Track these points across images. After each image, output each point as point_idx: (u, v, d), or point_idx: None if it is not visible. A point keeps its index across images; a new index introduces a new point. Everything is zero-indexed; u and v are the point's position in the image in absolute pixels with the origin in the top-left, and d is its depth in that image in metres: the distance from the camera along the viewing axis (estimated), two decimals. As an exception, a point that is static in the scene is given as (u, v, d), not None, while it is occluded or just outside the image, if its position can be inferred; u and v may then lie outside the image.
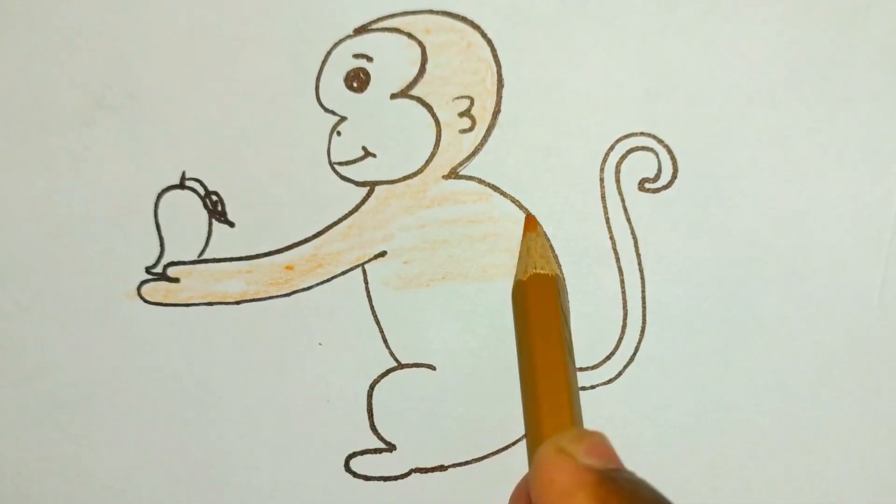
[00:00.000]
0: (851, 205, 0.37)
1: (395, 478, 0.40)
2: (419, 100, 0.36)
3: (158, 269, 0.38)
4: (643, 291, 0.38)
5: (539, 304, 0.34)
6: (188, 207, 0.37)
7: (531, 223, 0.37)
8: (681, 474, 0.40)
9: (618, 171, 0.37)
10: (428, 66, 0.36)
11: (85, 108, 0.37)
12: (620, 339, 0.38)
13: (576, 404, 0.32)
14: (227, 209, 0.37)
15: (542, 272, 0.35)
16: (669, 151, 0.37)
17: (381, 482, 0.40)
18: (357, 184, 0.37)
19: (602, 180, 0.37)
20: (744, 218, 0.37)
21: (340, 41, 0.36)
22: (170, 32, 0.36)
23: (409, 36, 0.36)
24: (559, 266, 0.37)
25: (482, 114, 0.36)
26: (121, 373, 0.39)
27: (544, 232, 0.37)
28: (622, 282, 0.38)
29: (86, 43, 0.36)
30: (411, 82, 0.36)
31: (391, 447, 0.39)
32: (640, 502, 0.26)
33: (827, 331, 0.38)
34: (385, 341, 0.38)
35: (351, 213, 0.37)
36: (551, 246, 0.37)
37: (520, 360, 0.34)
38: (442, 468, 0.39)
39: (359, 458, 0.40)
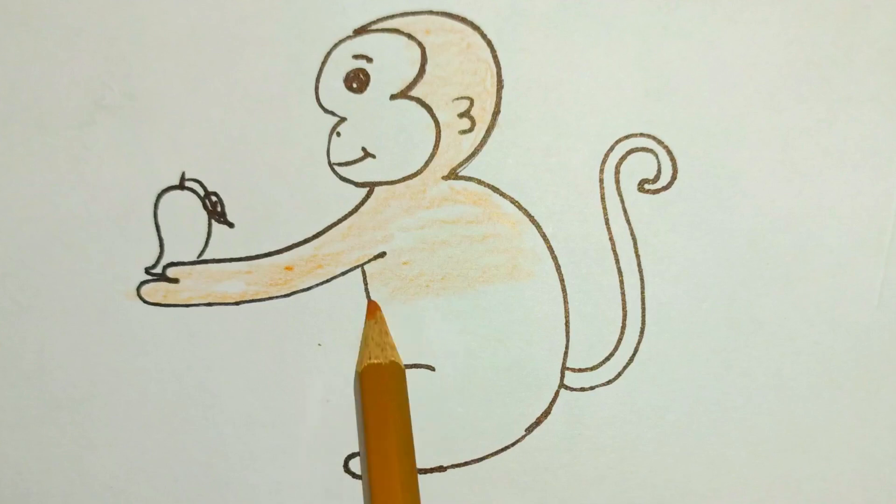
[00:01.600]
0: (851, 205, 0.37)
1: (395, 478, 0.40)
2: (419, 100, 0.36)
3: (158, 270, 0.38)
4: (643, 292, 0.38)
5: (373, 395, 0.35)
6: (188, 208, 0.37)
7: (371, 309, 0.38)
8: (681, 474, 0.40)
9: (617, 172, 0.37)
10: (428, 67, 0.36)
11: (85, 108, 0.37)
12: (620, 339, 0.38)
13: (407, 491, 0.34)
14: (227, 210, 0.37)
15: (376, 362, 0.36)
16: (669, 152, 0.37)
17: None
18: (357, 184, 0.37)
19: (602, 181, 0.37)
20: (744, 218, 0.37)
21: (340, 42, 0.36)
22: (170, 32, 0.36)
23: (409, 37, 0.36)
24: (395, 353, 0.37)
25: (482, 114, 0.36)
26: (121, 373, 0.39)
27: (383, 318, 0.38)
28: (622, 282, 0.38)
29: (86, 43, 0.36)
30: (411, 83, 0.36)
31: (391, 448, 0.39)
32: None
33: (827, 331, 0.38)
34: (385, 342, 0.38)
35: (350, 213, 0.37)
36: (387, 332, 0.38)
37: (359, 449, 0.35)
38: (442, 468, 0.39)
39: (358, 458, 0.40)
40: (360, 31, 0.36)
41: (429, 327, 0.38)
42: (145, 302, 0.38)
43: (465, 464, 0.39)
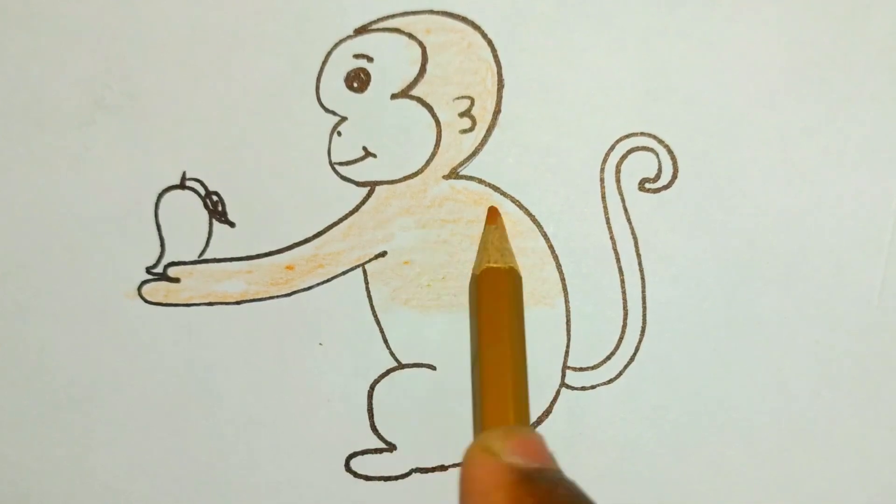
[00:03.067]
0: (851, 205, 0.37)
1: (396, 478, 0.40)
2: (419, 100, 0.36)
3: (159, 269, 0.38)
4: (643, 291, 0.38)
5: (490, 298, 0.34)
6: (188, 207, 0.37)
7: (492, 215, 0.37)
8: (681, 474, 0.40)
9: (618, 171, 0.37)
10: (428, 67, 0.36)
11: (85, 108, 0.37)
12: (620, 339, 0.38)
13: (519, 401, 0.32)
14: (228, 209, 0.37)
15: (495, 266, 0.35)
16: (670, 151, 0.37)
17: (382, 482, 0.40)
18: (357, 184, 0.37)
19: (602, 180, 0.37)
20: (744, 218, 0.37)
21: (341, 41, 0.36)
22: (170, 32, 0.36)
23: (410, 36, 0.36)
24: (514, 260, 0.36)
25: (482, 114, 0.36)
26: (121, 373, 0.39)
27: (503, 224, 0.37)
28: (622, 282, 0.38)
29: (86, 43, 0.36)
30: (412, 82, 0.36)
31: (392, 447, 0.39)
32: (556, 502, 0.25)
33: (827, 331, 0.38)
34: (385, 341, 0.38)
35: (351, 213, 0.37)
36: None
37: (471, 355, 0.33)
38: (442, 468, 0.39)
39: (359, 458, 0.40)
40: (361, 30, 0.36)
41: (429, 327, 0.38)
42: (146, 301, 0.38)
43: (466, 463, 0.39)
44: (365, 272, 0.38)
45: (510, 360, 0.32)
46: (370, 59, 0.36)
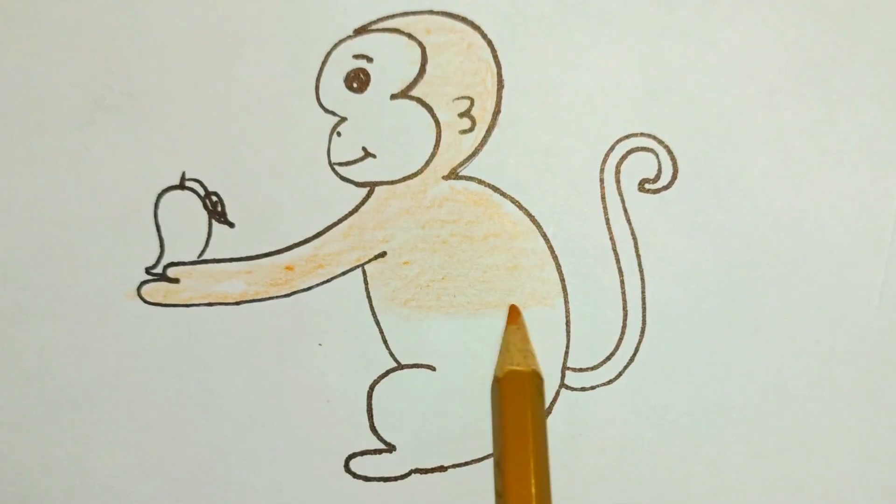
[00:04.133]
0: (851, 205, 0.37)
1: (395, 478, 0.40)
2: (419, 100, 0.36)
3: (158, 270, 0.38)
4: (643, 292, 0.38)
5: (512, 402, 0.34)
6: (188, 208, 0.37)
7: (513, 314, 0.37)
8: (681, 474, 0.40)
9: (618, 172, 0.37)
10: (428, 67, 0.36)
11: (85, 108, 0.37)
12: (620, 339, 0.38)
13: None
14: (227, 209, 0.37)
15: (518, 369, 0.35)
16: (669, 152, 0.37)
17: (381, 483, 0.40)
18: (357, 184, 0.37)
19: (602, 181, 0.37)
20: (744, 218, 0.37)
21: (340, 42, 0.36)
22: (170, 32, 0.36)
23: (410, 36, 0.36)
24: (536, 361, 0.37)
25: (482, 114, 0.36)
26: (121, 373, 0.39)
27: (524, 323, 0.37)
28: (622, 282, 0.38)
29: (86, 43, 0.36)
30: (411, 83, 0.36)
31: (391, 448, 0.39)
32: None
33: (827, 331, 0.38)
34: (385, 342, 0.38)
35: (351, 213, 0.37)
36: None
37: (494, 457, 0.34)
38: (442, 468, 0.40)
39: (359, 458, 0.40)
40: (361, 30, 0.36)
41: (429, 327, 0.38)
42: (146, 302, 0.38)
43: (465, 464, 0.39)
44: (364, 273, 0.38)
45: (533, 468, 0.33)
46: (370, 60, 0.36)
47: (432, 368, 0.39)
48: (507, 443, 0.33)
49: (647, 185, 0.37)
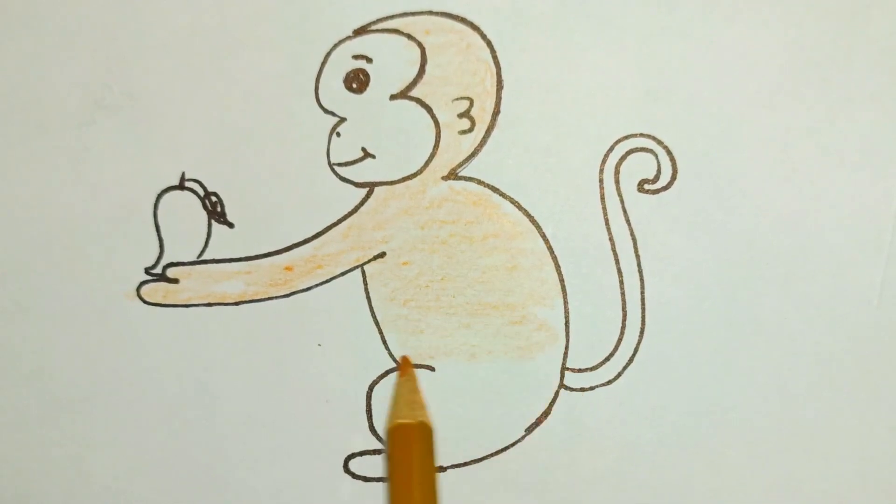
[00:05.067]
0: (851, 205, 0.37)
1: (395, 478, 0.40)
2: (418, 101, 0.36)
3: (158, 270, 0.38)
4: (642, 292, 0.38)
5: (398, 456, 0.34)
6: (188, 208, 0.37)
7: (403, 366, 0.37)
8: (681, 474, 0.40)
9: (617, 172, 0.37)
10: (427, 67, 0.36)
11: (85, 108, 0.37)
12: (620, 340, 0.38)
13: None
14: (227, 210, 0.37)
15: (404, 422, 0.34)
16: (669, 152, 0.37)
17: (381, 483, 0.40)
18: (356, 184, 0.37)
19: (601, 181, 0.37)
20: (744, 218, 0.37)
21: (340, 42, 0.36)
22: (170, 33, 0.36)
23: (409, 37, 0.36)
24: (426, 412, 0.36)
25: (481, 115, 0.36)
26: (121, 373, 0.39)
27: (414, 375, 0.37)
28: (621, 283, 0.38)
29: (86, 43, 0.36)
30: (411, 83, 0.36)
31: (391, 448, 0.39)
32: None
33: (827, 331, 0.38)
34: (384, 342, 0.38)
35: (350, 213, 0.37)
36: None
37: None
38: (442, 468, 0.40)
39: (358, 458, 0.40)
40: (360, 31, 0.36)
41: (428, 327, 0.38)
42: (145, 302, 0.38)
43: (465, 464, 0.39)
44: (364, 273, 0.38)
45: None
46: (369, 60, 0.36)
47: (431, 369, 0.39)
48: (393, 495, 0.33)
49: (646, 186, 0.37)
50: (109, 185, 0.37)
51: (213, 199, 0.37)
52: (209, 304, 0.38)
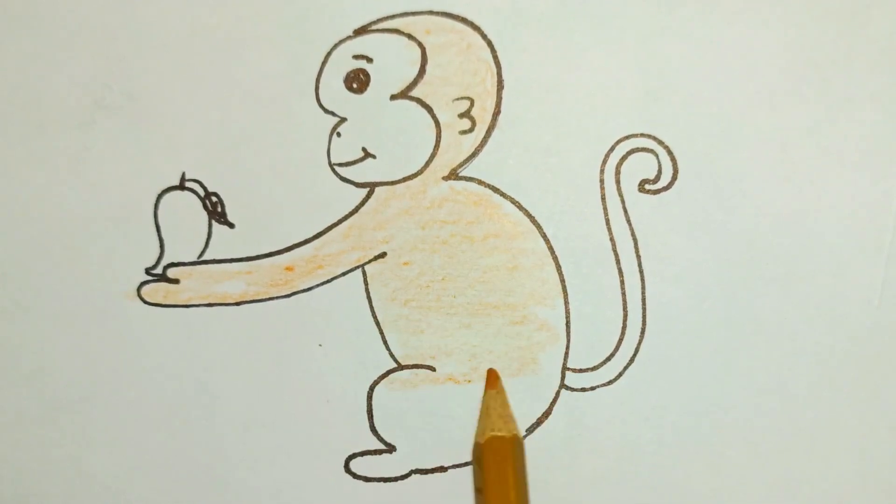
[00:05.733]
0: (851, 205, 0.37)
1: (395, 479, 0.40)
2: (419, 101, 0.36)
3: (158, 270, 0.38)
4: (643, 292, 0.38)
5: (494, 468, 0.34)
6: (188, 208, 0.37)
7: (491, 379, 0.38)
8: (681, 475, 0.40)
9: (618, 173, 0.37)
10: (428, 67, 0.36)
11: (85, 108, 0.37)
12: (620, 340, 0.38)
13: None
14: (227, 210, 0.37)
15: (499, 434, 0.35)
16: (669, 152, 0.37)
17: (381, 483, 0.40)
18: (357, 185, 0.37)
19: (602, 181, 0.37)
20: (744, 218, 0.37)
21: (340, 42, 0.36)
22: (170, 33, 0.36)
23: (409, 37, 0.36)
24: (516, 425, 0.37)
25: (482, 115, 0.36)
26: (121, 373, 0.39)
27: (503, 388, 0.37)
28: (622, 283, 0.38)
29: (86, 43, 0.36)
30: (411, 83, 0.36)
31: (391, 448, 0.39)
32: None
33: (827, 331, 0.38)
34: (385, 342, 0.38)
35: (351, 214, 0.37)
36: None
37: None
38: (442, 469, 0.40)
39: (359, 459, 0.40)
40: (361, 31, 0.36)
41: (429, 328, 0.38)
42: (145, 302, 0.38)
43: (466, 464, 0.39)
44: (364, 273, 0.38)
45: None
46: (370, 60, 0.36)
47: (432, 369, 0.39)
48: None
49: (647, 186, 0.37)
50: (109, 185, 0.37)
51: (214, 199, 0.37)
52: (210, 305, 0.38)
